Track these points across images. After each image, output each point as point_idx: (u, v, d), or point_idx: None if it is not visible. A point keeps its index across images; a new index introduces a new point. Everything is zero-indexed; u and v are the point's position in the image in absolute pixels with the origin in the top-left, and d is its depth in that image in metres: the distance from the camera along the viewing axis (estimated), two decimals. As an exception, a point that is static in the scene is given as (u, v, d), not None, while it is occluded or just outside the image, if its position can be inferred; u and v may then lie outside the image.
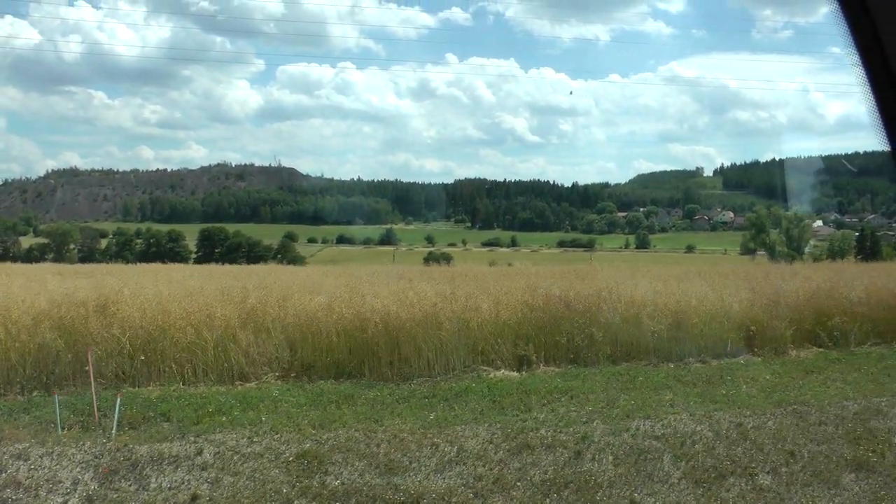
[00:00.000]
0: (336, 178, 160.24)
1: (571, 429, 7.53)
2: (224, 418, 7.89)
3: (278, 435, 7.41)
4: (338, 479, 6.53)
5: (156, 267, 27.66)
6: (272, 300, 10.17)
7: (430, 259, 76.28)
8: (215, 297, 10.31)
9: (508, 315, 10.08)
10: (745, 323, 11.42)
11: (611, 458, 7.03)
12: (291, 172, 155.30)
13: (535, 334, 10.42)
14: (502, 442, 7.24)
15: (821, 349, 12.05)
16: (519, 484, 6.50)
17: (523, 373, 9.93)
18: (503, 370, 9.83)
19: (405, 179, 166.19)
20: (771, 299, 12.24)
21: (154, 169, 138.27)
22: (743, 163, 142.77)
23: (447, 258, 79.49)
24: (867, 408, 8.51)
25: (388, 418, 7.81)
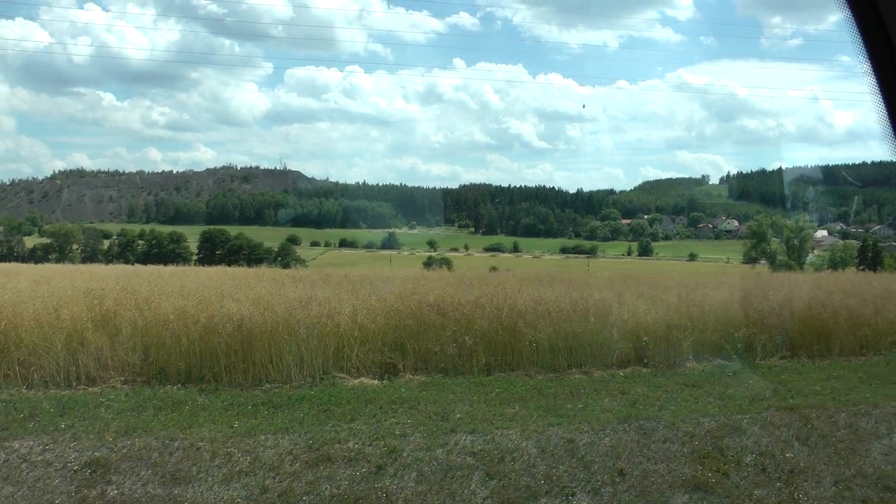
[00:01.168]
0: (342, 181, 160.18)
1: (383, 441, 7.12)
2: (33, 424, 7.55)
3: (76, 442, 7.06)
4: (118, 489, 6.20)
5: (99, 268, 27.43)
6: (130, 303, 9.80)
7: (429, 263, 75.93)
8: (73, 298, 9.98)
9: (373, 321, 9.66)
10: (638, 333, 10.94)
11: (415, 474, 6.62)
12: (296, 175, 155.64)
13: (405, 342, 10.00)
14: (302, 453, 6.85)
15: (725, 361, 11.54)
16: (306, 498, 6.14)
17: (385, 381, 9.52)
18: (363, 378, 9.42)
19: (411, 184, 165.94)
20: (678, 309, 11.74)
21: (160, 171, 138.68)
22: (749, 171, 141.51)
23: (447, 262, 79.05)
24: (725, 425, 8.03)
25: (195, 426, 7.43)
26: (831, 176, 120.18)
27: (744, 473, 6.88)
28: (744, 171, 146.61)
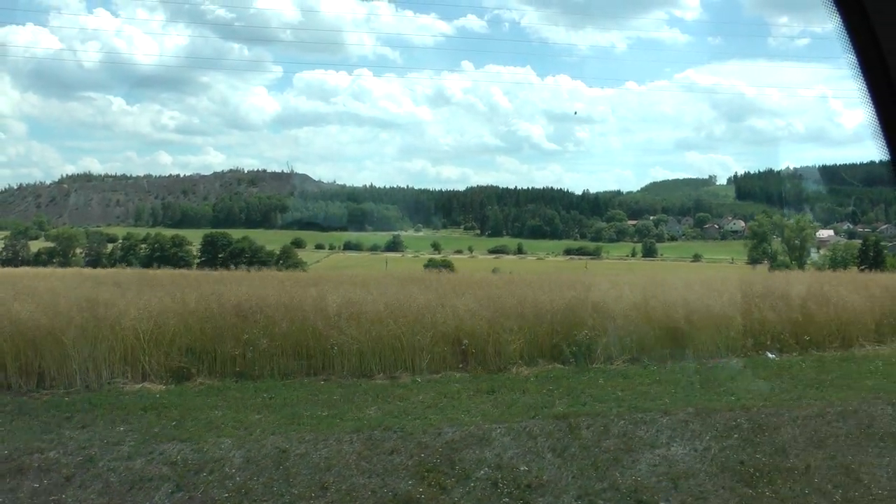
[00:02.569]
0: (351, 184, 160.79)
1: (86, 450, 6.93)
2: None
3: None
4: None
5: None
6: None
7: (430, 265, 75.97)
8: None
9: (160, 325, 9.49)
10: (458, 336, 10.66)
11: (100, 486, 6.46)
12: (303, 178, 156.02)
13: (202, 346, 9.82)
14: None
15: (559, 365, 11.24)
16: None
17: (172, 387, 9.35)
18: (147, 383, 9.26)
19: (418, 186, 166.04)
20: (509, 310, 11.43)
21: (167, 174, 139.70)
22: (757, 171, 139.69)
23: (448, 265, 78.96)
24: (471, 435, 7.76)
25: None
26: (838, 175, 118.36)
27: (467, 488, 6.61)
28: (751, 172, 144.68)
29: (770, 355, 12.48)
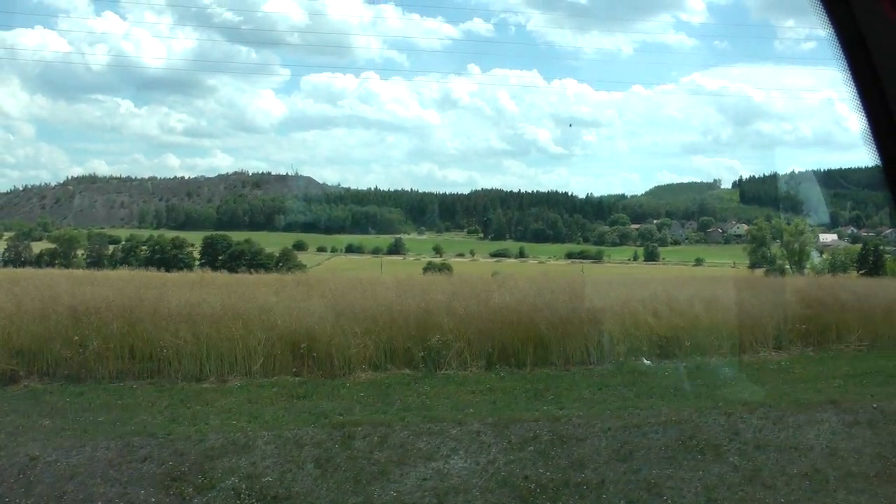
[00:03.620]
0: (358, 187, 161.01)
1: None
2: None
3: None
4: None
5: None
6: None
7: (428, 269, 75.98)
8: None
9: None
10: (297, 339, 10.40)
11: None
12: (308, 181, 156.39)
13: (35, 346, 9.64)
14: None
15: (409, 371, 10.97)
16: None
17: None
18: (-44, 387, 9.07)
19: (423, 189, 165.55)
20: (355, 314, 11.16)
21: (172, 177, 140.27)
22: (762, 175, 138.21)
23: (447, 268, 78.99)
24: (233, 443, 7.52)
25: None
26: (843, 179, 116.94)
27: (207, 498, 6.37)
28: (756, 176, 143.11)
29: (646, 361, 12.12)
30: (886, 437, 8.72)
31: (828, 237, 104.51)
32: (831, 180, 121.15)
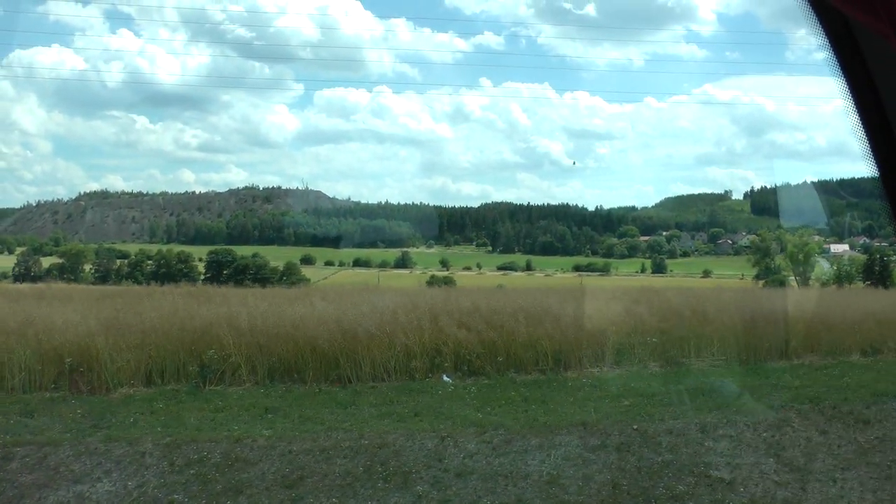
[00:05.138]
0: (371, 201, 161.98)
1: None
2: None
3: None
4: None
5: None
6: None
7: (432, 282, 75.30)
8: None
9: None
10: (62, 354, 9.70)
11: None
12: (318, 195, 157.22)
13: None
14: None
15: (179, 386, 10.20)
16: None
17: None
18: None
19: (440, 203, 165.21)
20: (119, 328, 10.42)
21: (183, 192, 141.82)
22: (773, 186, 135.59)
23: (449, 281, 78.29)
24: None
25: None
26: (856, 188, 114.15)
27: None
28: (767, 186, 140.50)
29: (446, 378, 11.17)
30: (633, 462, 7.70)
31: (839, 247, 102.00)
32: (844, 190, 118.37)
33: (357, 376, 10.94)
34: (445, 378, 11.12)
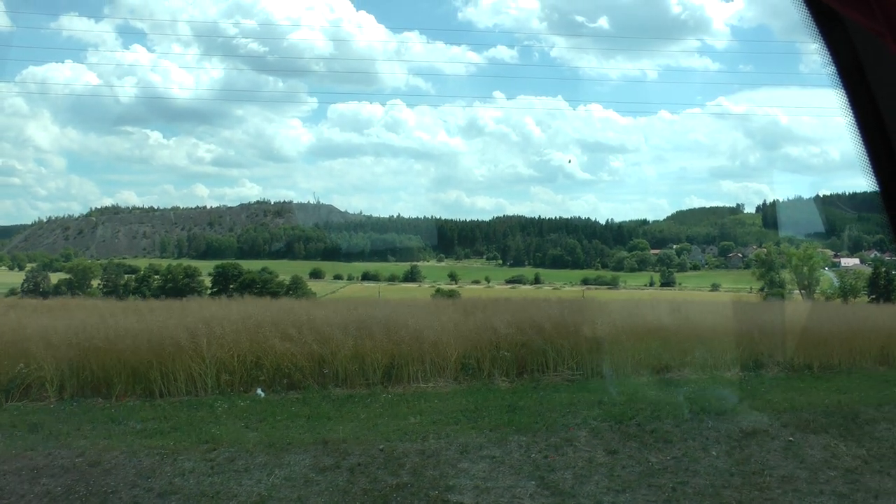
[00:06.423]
0: (384, 215, 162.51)
1: None
2: None
3: None
4: None
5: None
6: None
7: (436, 295, 75.10)
8: None
9: None
10: None
11: None
12: (329, 209, 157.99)
13: None
14: None
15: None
16: None
17: None
18: None
19: (454, 217, 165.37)
20: None
21: (194, 206, 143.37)
22: (786, 199, 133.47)
23: (454, 294, 77.93)
24: None
25: None
26: (868, 202, 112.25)
27: None
28: (780, 200, 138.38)
29: (259, 392, 10.77)
30: (361, 485, 7.22)
31: (849, 261, 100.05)
32: (856, 204, 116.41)
33: (169, 391, 10.59)
34: (259, 392, 10.72)
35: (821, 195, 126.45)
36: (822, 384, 12.73)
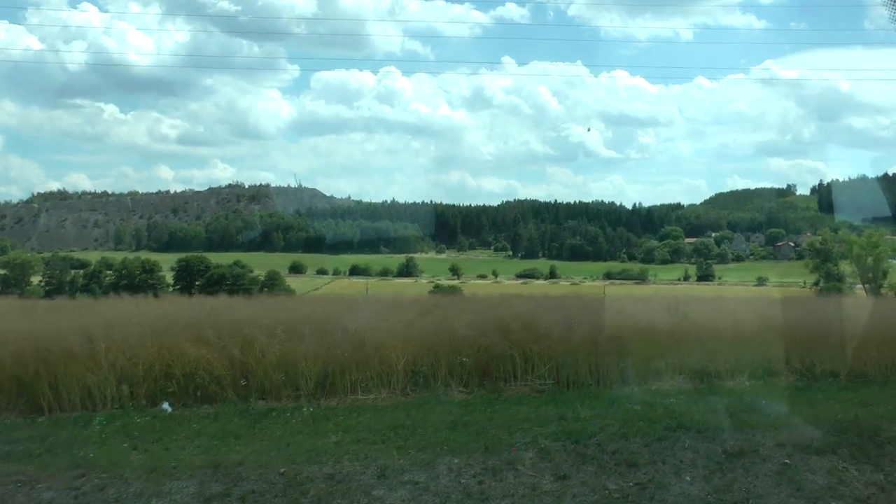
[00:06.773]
0: (376, 200, 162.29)
1: None
2: None
3: None
4: None
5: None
6: None
7: (434, 292, 74.94)
8: None
9: None
10: None
11: None
12: (313, 194, 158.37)
13: None
14: None
15: None
16: None
17: None
18: None
19: (451, 202, 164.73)
20: None
21: (155, 191, 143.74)
22: (847, 179, 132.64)
23: (453, 291, 77.76)
24: None
25: None
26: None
27: None
28: (841, 179, 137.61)
29: (166, 407, 10.68)
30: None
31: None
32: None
33: (60, 405, 10.52)
34: (165, 406, 10.63)
35: (889, 173, 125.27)
36: (848, 394, 12.50)
